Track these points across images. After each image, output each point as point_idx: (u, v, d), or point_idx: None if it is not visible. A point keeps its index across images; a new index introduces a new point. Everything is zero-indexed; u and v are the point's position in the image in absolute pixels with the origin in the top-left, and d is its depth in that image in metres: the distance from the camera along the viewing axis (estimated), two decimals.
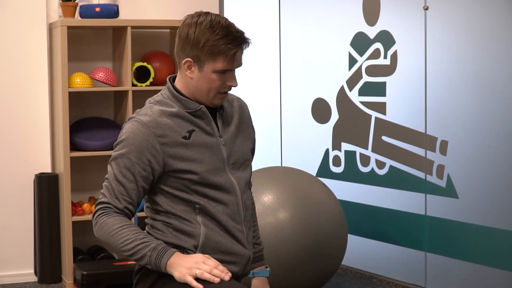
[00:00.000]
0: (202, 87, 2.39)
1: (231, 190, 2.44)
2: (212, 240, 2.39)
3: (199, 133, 2.41)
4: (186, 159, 2.37)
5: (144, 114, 2.39)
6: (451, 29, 4.10)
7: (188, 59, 2.38)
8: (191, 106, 2.41)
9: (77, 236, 4.74)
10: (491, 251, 3.93)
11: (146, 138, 2.34)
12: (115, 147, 2.42)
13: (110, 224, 2.31)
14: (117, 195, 2.34)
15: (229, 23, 2.37)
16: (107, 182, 2.37)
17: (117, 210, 2.34)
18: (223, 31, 2.33)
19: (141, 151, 2.34)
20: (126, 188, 2.34)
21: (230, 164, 2.46)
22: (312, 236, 3.87)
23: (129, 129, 2.37)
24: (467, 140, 4.03)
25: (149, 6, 4.98)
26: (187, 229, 2.39)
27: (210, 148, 2.42)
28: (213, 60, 2.35)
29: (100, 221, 2.33)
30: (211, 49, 2.33)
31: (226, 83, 2.39)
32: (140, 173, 2.35)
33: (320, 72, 5.02)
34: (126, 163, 2.35)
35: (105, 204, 2.34)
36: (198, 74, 2.38)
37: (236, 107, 2.55)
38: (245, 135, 2.55)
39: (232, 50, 2.34)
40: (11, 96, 4.72)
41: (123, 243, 2.29)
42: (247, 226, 2.51)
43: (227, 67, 2.36)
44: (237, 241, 2.44)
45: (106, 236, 2.32)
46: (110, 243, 2.34)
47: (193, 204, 2.39)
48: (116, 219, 2.32)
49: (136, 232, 2.31)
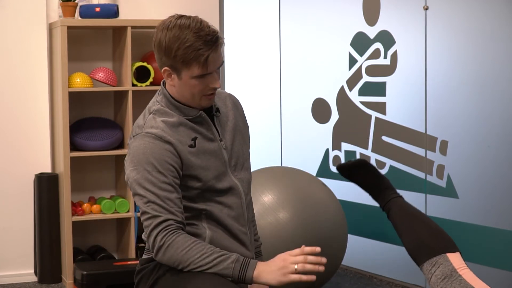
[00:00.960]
0: (185, 93, 2.36)
1: (236, 193, 2.43)
2: (217, 243, 2.37)
3: (201, 140, 2.39)
4: (195, 167, 2.36)
5: (151, 126, 2.35)
6: (451, 29, 4.10)
7: (166, 68, 2.34)
8: (191, 113, 2.39)
9: (77, 236, 4.74)
10: (491, 251, 3.93)
11: (163, 148, 2.31)
12: (130, 166, 2.33)
13: (180, 242, 2.25)
14: (170, 210, 2.27)
15: (199, 26, 2.30)
16: (150, 204, 2.27)
17: (178, 225, 2.28)
18: (192, 36, 2.28)
19: (165, 161, 2.30)
20: (172, 200, 2.28)
21: (231, 166, 2.45)
22: (312, 236, 3.87)
23: (142, 145, 2.32)
24: (467, 140, 4.03)
25: (149, 6, 4.98)
26: (193, 231, 2.38)
27: (214, 154, 2.40)
28: (188, 67, 2.30)
29: (168, 241, 2.25)
30: (182, 57, 2.28)
31: (208, 86, 2.35)
32: (175, 181, 2.31)
33: (320, 72, 5.02)
34: (159, 177, 2.28)
35: (165, 223, 2.26)
36: (178, 82, 2.35)
37: (230, 105, 2.53)
38: (242, 133, 2.54)
39: (203, 55, 2.28)
40: (11, 96, 4.72)
41: (200, 258, 2.24)
42: (250, 228, 2.51)
43: (203, 72, 2.31)
44: (242, 243, 2.43)
45: (177, 254, 2.25)
46: (181, 260, 2.26)
47: (199, 211, 2.38)
48: (186, 237, 2.26)
49: (210, 247, 2.27)
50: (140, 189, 2.29)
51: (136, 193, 2.31)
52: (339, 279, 4.63)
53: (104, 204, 4.66)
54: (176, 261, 2.27)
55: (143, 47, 4.89)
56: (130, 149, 2.36)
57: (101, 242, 4.91)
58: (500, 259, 3.88)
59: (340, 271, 4.78)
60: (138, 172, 2.30)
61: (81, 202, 4.76)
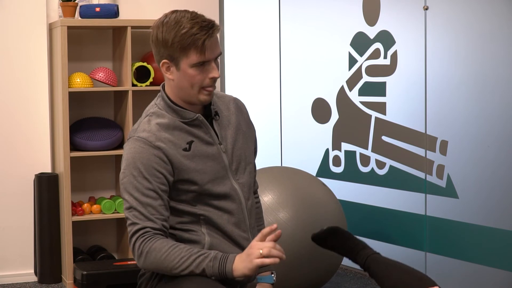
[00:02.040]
0: (184, 85, 2.35)
1: (235, 198, 2.41)
2: (216, 249, 2.36)
3: (198, 143, 2.38)
4: (189, 170, 2.34)
5: (143, 130, 2.35)
6: (451, 29, 4.10)
7: (164, 60, 2.35)
8: (188, 116, 2.38)
9: (77, 236, 4.74)
10: (491, 251, 3.93)
11: (152, 153, 2.30)
12: (122, 168, 2.34)
13: (158, 248, 2.24)
14: (149, 217, 2.27)
15: (195, 15, 2.34)
16: (132, 210, 2.28)
17: (156, 232, 2.27)
18: (188, 23, 2.30)
19: (152, 167, 2.29)
20: (154, 207, 2.27)
21: (232, 170, 2.43)
22: None
23: (132, 149, 2.32)
24: (467, 140, 4.03)
25: (149, 6, 4.98)
26: (192, 238, 2.37)
27: (212, 157, 2.39)
28: (186, 54, 2.30)
29: (146, 249, 2.25)
30: (180, 44, 2.29)
31: (207, 76, 2.34)
32: (160, 188, 2.30)
33: (320, 72, 5.02)
34: (144, 183, 2.28)
35: (142, 230, 2.26)
36: (177, 73, 2.35)
37: (233, 109, 2.52)
38: (245, 137, 2.52)
39: (200, 39, 2.29)
40: (11, 96, 4.72)
41: (180, 262, 2.23)
42: (253, 233, 2.49)
43: (202, 59, 2.31)
44: (242, 249, 2.41)
45: (157, 260, 2.24)
46: (162, 266, 2.25)
47: (197, 216, 2.37)
48: (163, 242, 2.25)
49: (187, 248, 2.25)
50: (125, 193, 2.30)
51: (122, 196, 2.33)
52: (339, 279, 4.63)
53: (104, 204, 4.66)
54: (157, 268, 2.27)
55: (143, 47, 4.88)
56: (123, 152, 2.38)
57: (101, 242, 4.91)
58: (500, 259, 3.88)
59: (340, 271, 4.79)
60: (125, 176, 2.31)
61: (81, 202, 4.76)
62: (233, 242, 2.40)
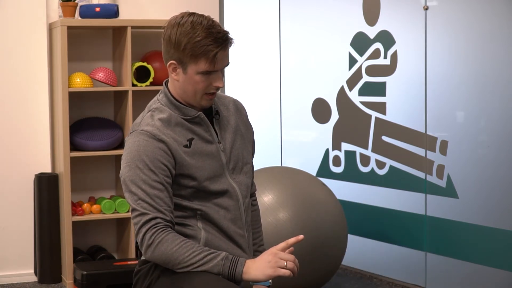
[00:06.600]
0: (187, 89, 2.37)
1: (233, 195, 2.43)
2: (212, 244, 2.38)
3: (198, 141, 2.40)
4: (189, 166, 2.36)
5: (147, 124, 2.37)
6: (451, 29, 4.10)
7: (172, 61, 2.36)
8: (189, 113, 2.40)
9: (77, 236, 4.74)
10: (491, 251, 3.93)
11: (156, 146, 2.32)
12: (124, 163, 2.35)
13: (170, 240, 2.26)
14: (159, 209, 2.28)
15: (211, 23, 2.34)
16: (140, 202, 2.29)
17: (167, 223, 2.29)
18: (204, 32, 2.31)
19: (157, 160, 2.31)
20: (161, 198, 2.29)
21: (230, 169, 2.45)
22: (312, 236, 3.87)
23: (136, 142, 2.34)
24: (467, 140, 4.03)
25: (149, 6, 4.98)
26: (188, 233, 2.38)
27: (211, 155, 2.41)
28: (195, 62, 2.32)
29: (158, 239, 2.26)
30: (192, 51, 2.31)
31: (211, 84, 2.37)
32: (166, 180, 2.31)
33: (320, 72, 5.02)
34: (150, 176, 2.29)
35: (154, 221, 2.27)
36: (183, 76, 2.36)
37: (232, 110, 2.54)
38: (243, 138, 2.54)
39: (212, 51, 2.31)
40: (11, 96, 4.72)
41: (190, 256, 2.25)
42: (249, 231, 2.51)
43: (210, 68, 2.34)
44: (238, 246, 2.43)
45: (167, 252, 2.26)
46: (171, 258, 2.27)
47: (194, 211, 2.39)
48: (175, 235, 2.28)
49: (199, 245, 2.29)
50: (131, 186, 2.30)
51: (127, 189, 2.32)
52: (339, 279, 4.63)
53: (104, 204, 4.66)
54: (166, 260, 2.28)
55: (143, 47, 4.88)
56: (126, 145, 2.38)
57: (101, 242, 4.91)
58: (500, 259, 3.88)
59: (340, 271, 4.79)
60: (130, 169, 2.31)
61: (81, 202, 4.76)
62: (228, 238, 2.42)
